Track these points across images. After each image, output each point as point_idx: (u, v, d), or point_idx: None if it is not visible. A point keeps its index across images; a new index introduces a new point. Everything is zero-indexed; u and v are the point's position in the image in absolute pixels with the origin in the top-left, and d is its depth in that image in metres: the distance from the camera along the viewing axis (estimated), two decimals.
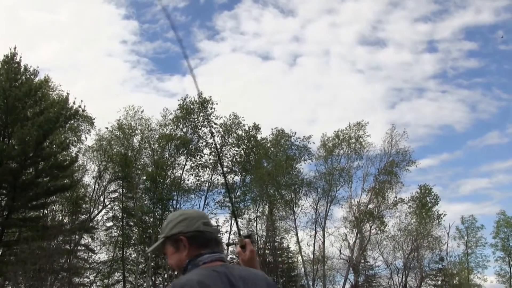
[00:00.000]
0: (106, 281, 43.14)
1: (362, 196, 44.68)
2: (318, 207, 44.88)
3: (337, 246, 45.56)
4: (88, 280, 41.39)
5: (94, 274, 42.26)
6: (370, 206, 44.41)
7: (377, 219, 44.17)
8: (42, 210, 36.80)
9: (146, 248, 41.77)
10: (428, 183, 47.95)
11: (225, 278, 2.22)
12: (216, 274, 2.23)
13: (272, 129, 46.83)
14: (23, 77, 32.86)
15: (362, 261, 45.12)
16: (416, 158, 44.86)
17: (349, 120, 50.14)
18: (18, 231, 33.79)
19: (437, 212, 46.76)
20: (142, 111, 43.30)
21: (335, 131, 45.45)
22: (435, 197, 47.12)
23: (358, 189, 44.90)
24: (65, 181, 35.24)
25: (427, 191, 47.15)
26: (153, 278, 42.60)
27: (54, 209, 39.31)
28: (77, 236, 38.16)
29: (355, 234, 44.30)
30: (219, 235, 2.57)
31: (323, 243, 44.38)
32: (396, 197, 45.17)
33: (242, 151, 45.21)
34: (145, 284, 41.61)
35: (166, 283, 42.26)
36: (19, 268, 28.78)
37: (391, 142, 44.16)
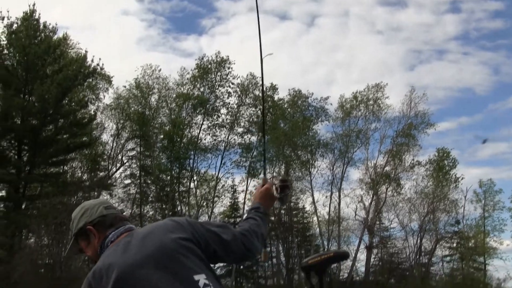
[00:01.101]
0: None
1: (379, 158, 44.78)
2: (334, 169, 45.09)
3: (353, 207, 45.85)
4: None
5: None
6: (387, 168, 44.53)
7: (394, 181, 44.29)
8: (62, 167, 37.39)
9: (163, 206, 42.44)
10: (446, 147, 47.87)
11: (123, 246, 2.24)
12: (116, 247, 2.27)
13: (289, 89, 46.78)
14: (42, 34, 32.94)
15: (377, 222, 45.42)
16: (434, 121, 44.67)
17: (368, 82, 49.65)
18: (40, 186, 34.47)
19: (455, 175, 46.71)
20: (160, 70, 43.41)
21: (353, 93, 45.33)
22: (453, 161, 47.07)
23: (375, 151, 44.92)
24: (84, 139, 35.69)
25: (445, 155, 47.04)
26: None
27: (74, 166, 39.92)
28: (96, 193, 38.74)
29: (371, 196, 44.55)
30: (124, 214, 2.60)
31: (339, 204, 44.75)
32: (413, 159, 45.21)
33: (259, 112, 45.28)
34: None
35: None
36: (41, 221, 29.48)
37: (410, 105, 43.93)
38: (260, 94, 46.22)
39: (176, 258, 2.18)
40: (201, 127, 43.76)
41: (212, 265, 2.36)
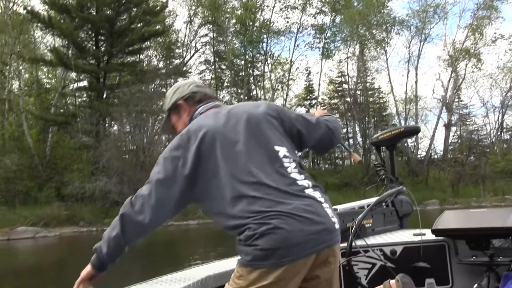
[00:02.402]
0: None
1: (458, 33, 43.00)
2: (410, 46, 43.68)
3: (430, 85, 44.59)
4: None
5: None
6: (467, 43, 42.59)
7: (474, 56, 42.47)
8: (138, 56, 38.22)
9: (239, 91, 42.94)
10: None
11: (212, 115, 2.34)
12: (205, 115, 2.37)
13: None
14: None
15: (456, 100, 44.31)
16: None
17: None
18: (118, 75, 35.53)
19: None
20: None
21: None
22: None
23: (453, 26, 43.27)
24: (157, 27, 35.99)
25: None
26: None
27: (149, 54, 40.66)
28: (172, 80, 39.59)
29: (449, 73, 43.19)
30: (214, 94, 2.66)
31: (416, 82, 43.75)
32: (495, 33, 42.99)
33: None
34: None
35: None
36: (123, 109, 30.68)
37: None
38: None
39: (261, 128, 2.29)
40: (273, 9, 42.99)
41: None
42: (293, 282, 2.15)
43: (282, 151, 2.25)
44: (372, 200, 3.50)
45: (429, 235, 3.22)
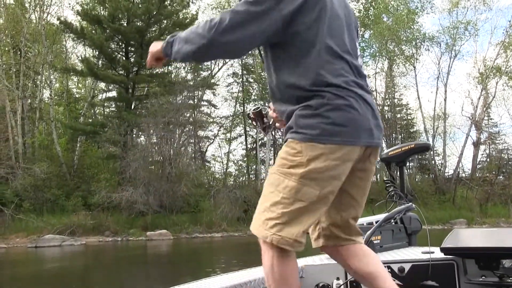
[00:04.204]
0: (228, 134, 45.34)
1: (489, 50, 42.52)
2: (440, 63, 43.34)
3: (459, 102, 44.07)
4: (212, 133, 43.75)
5: (217, 128, 44.48)
6: (498, 61, 42.12)
7: (505, 74, 41.94)
8: (167, 67, 38.48)
9: (266, 104, 42.86)
10: None
11: None
12: None
13: None
14: None
15: (486, 118, 43.79)
16: None
17: None
18: (147, 86, 35.84)
19: None
20: None
21: None
22: None
23: (484, 43, 42.90)
24: None
25: None
26: (272, 132, 43.84)
27: (178, 66, 40.91)
28: (200, 92, 39.82)
29: (479, 90, 42.71)
30: None
31: (445, 99, 43.31)
32: None
33: (361, 6, 43.68)
34: (265, 138, 43.23)
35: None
36: (150, 120, 30.89)
37: None
38: None
39: (352, 23, 2.35)
40: None
41: None
42: (346, 167, 2.14)
43: (358, 50, 2.34)
44: (381, 216, 3.48)
45: (438, 253, 3.17)
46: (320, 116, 2.05)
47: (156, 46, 2.31)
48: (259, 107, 2.73)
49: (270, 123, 2.69)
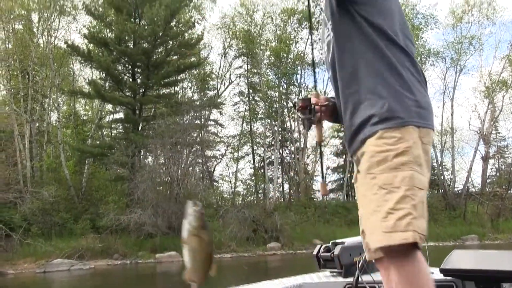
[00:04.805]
0: (236, 154, 45.32)
1: (494, 64, 42.40)
2: (446, 78, 43.35)
3: (467, 117, 43.91)
4: (219, 152, 43.76)
5: (225, 147, 44.49)
6: (503, 74, 42.08)
7: (511, 88, 41.86)
8: (173, 87, 38.67)
9: (273, 122, 42.84)
10: None
11: None
12: None
13: None
14: None
15: (494, 132, 43.61)
16: None
17: None
18: (154, 107, 35.92)
19: None
20: None
21: None
22: None
23: (489, 58, 42.83)
24: (192, 59, 36.37)
25: None
26: (280, 151, 43.98)
27: (184, 86, 41.16)
28: (206, 112, 39.88)
29: (486, 105, 42.61)
30: None
31: (452, 114, 43.21)
32: None
33: None
34: (273, 156, 43.17)
35: (293, 156, 43.62)
36: (158, 141, 30.90)
37: None
38: None
39: None
40: (307, 41, 43.16)
41: None
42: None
43: None
44: None
45: (437, 274, 3.08)
46: (412, 99, 2.01)
47: None
48: (308, 96, 2.59)
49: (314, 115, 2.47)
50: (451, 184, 43.23)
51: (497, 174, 44.37)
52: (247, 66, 43.90)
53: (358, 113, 2.08)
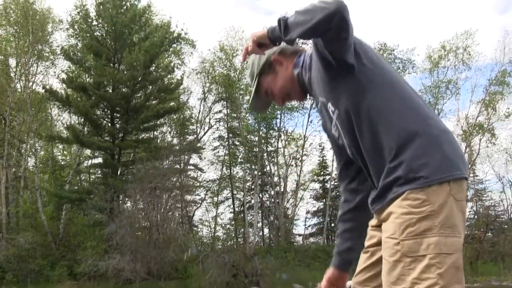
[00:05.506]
0: (215, 198, 45.06)
1: (471, 108, 43.07)
2: None
3: None
4: (199, 197, 43.46)
5: (204, 192, 44.25)
6: (480, 118, 42.77)
7: (487, 131, 42.52)
8: (152, 132, 38.62)
9: (253, 166, 42.83)
10: None
11: None
12: None
13: (374, 43, 45.49)
14: (128, 3, 33.72)
15: (471, 175, 44.04)
16: None
17: (456, 27, 47.45)
18: (133, 152, 35.76)
19: None
20: (243, 31, 43.39)
21: (440, 42, 43.58)
22: None
23: (466, 102, 43.42)
24: (172, 104, 36.47)
25: None
26: (260, 195, 43.86)
27: (163, 131, 41.13)
28: (186, 156, 39.78)
29: (464, 148, 43.10)
30: None
31: None
32: (508, 108, 43.16)
33: None
34: (252, 200, 43.01)
35: (273, 200, 43.49)
36: (137, 186, 30.62)
37: (503, 50, 41.59)
38: None
39: None
40: None
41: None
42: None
43: None
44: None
45: None
46: (433, 153, 1.86)
47: (259, 32, 2.05)
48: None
49: None
50: None
51: (475, 217, 44.61)
52: (227, 111, 44.11)
53: (384, 175, 1.98)
